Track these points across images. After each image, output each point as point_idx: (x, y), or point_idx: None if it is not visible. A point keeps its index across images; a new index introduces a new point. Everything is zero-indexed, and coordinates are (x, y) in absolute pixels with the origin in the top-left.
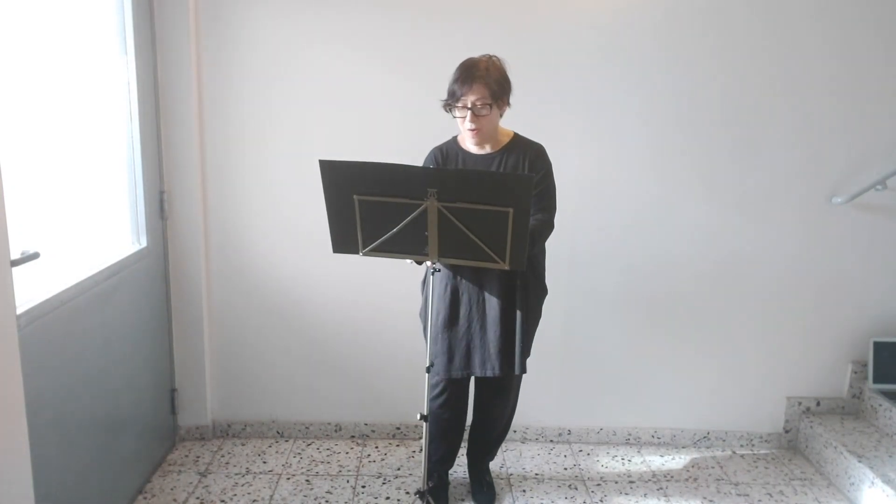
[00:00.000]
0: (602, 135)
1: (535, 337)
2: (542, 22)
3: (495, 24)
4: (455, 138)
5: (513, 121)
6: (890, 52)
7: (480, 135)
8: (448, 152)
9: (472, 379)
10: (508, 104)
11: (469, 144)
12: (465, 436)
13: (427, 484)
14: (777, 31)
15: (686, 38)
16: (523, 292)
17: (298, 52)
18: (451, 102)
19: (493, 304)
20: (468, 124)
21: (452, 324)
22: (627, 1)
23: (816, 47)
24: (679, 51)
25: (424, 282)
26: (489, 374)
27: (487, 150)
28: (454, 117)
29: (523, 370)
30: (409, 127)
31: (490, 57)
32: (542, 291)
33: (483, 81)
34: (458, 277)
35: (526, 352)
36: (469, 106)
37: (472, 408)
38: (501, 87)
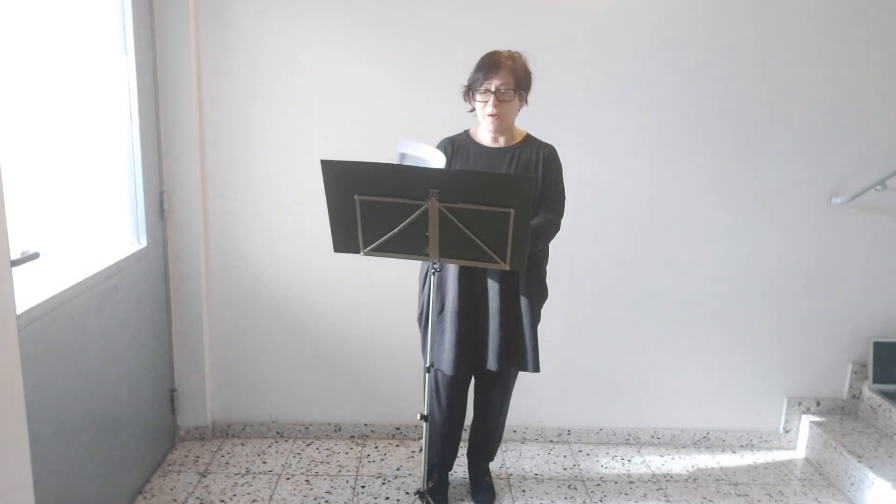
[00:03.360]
0: (604, 138)
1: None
2: (543, 22)
3: (496, 27)
4: (467, 131)
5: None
6: (889, 52)
7: (500, 122)
8: (459, 144)
9: (472, 380)
10: (527, 101)
11: (483, 136)
12: (465, 436)
13: (427, 484)
14: (777, 33)
15: (688, 41)
16: (525, 290)
17: (299, 51)
18: (473, 87)
19: (494, 296)
20: (490, 108)
21: (451, 318)
22: (630, 3)
23: (816, 48)
24: (681, 54)
25: (424, 281)
26: (488, 367)
27: (501, 143)
28: (475, 102)
29: (536, 368)
30: (411, 127)
31: (512, 51)
32: (543, 293)
33: (509, 69)
34: (460, 274)
35: (521, 352)
36: (493, 90)
37: (472, 407)
38: (526, 78)
